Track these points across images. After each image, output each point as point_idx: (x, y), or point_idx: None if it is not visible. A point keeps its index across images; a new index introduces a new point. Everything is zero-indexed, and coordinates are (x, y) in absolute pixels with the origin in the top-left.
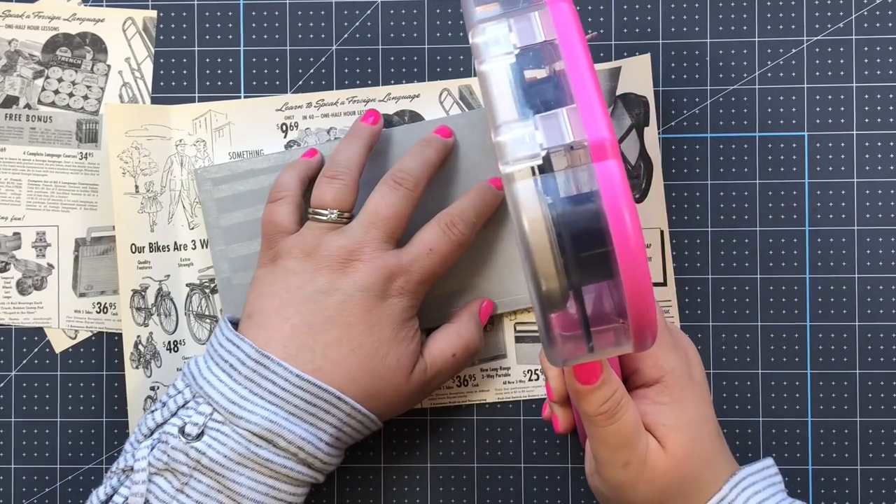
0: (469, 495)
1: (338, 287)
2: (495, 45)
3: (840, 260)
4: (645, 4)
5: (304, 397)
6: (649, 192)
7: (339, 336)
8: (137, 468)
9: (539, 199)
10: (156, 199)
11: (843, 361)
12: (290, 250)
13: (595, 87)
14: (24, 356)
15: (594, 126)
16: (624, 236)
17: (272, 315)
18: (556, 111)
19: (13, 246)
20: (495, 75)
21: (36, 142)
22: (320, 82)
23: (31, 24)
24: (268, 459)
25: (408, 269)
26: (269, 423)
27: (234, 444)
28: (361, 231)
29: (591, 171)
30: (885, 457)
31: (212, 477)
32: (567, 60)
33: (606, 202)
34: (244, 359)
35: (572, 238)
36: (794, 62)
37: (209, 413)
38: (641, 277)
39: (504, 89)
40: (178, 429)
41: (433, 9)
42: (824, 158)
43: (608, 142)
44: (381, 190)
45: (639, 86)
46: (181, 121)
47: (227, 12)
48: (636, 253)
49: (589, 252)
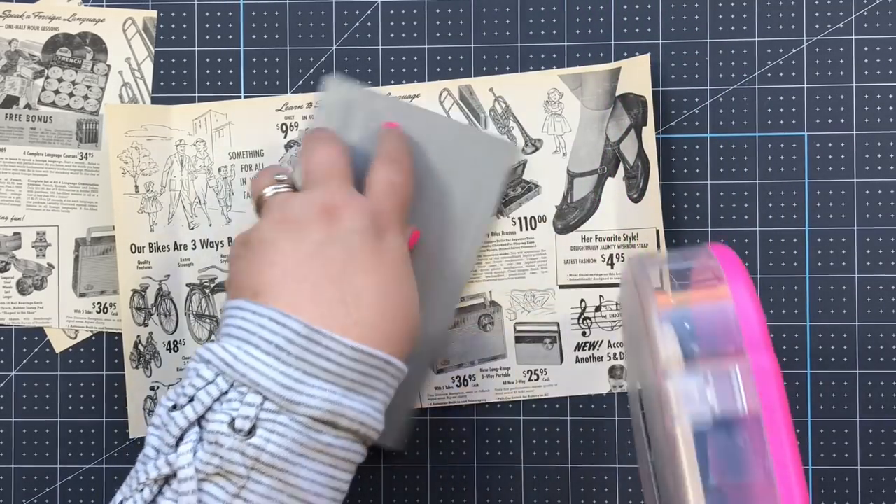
0: (469, 495)
1: (335, 236)
2: (689, 403)
3: (840, 260)
4: (645, 4)
5: (358, 369)
6: (646, 192)
7: (363, 283)
8: (182, 476)
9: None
10: (156, 199)
11: (843, 361)
12: (252, 231)
13: (798, 476)
14: (24, 356)
15: None
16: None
17: (286, 281)
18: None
19: (13, 246)
20: (691, 443)
21: (36, 142)
22: (320, 82)
23: (32, 24)
24: (329, 444)
25: (383, 204)
26: (330, 403)
27: (296, 433)
28: (320, 187)
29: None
30: (885, 457)
31: (272, 475)
32: (773, 450)
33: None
34: (293, 337)
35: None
36: (794, 62)
37: (259, 403)
38: None
39: (696, 462)
40: (227, 425)
41: (433, 9)
42: (824, 158)
43: None
44: (305, 151)
45: (638, 86)
46: (181, 121)
47: (227, 12)
48: None
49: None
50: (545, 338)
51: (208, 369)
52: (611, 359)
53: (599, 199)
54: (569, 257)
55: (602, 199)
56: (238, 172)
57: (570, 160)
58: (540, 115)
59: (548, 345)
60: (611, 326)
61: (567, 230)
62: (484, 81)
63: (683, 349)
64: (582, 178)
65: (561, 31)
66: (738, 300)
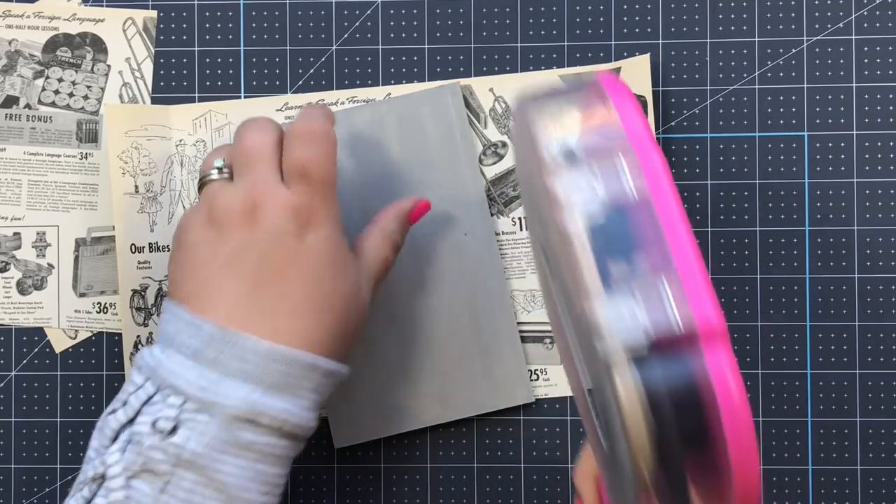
0: (469, 495)
1: (251, 241)
2: (579, 193)
3: (840, 260)
4: (645, 4)
5: (278, 370)
6: None
7: (278, 291)
8: (111, 474)
9: (642, 393)
10: (156, 199)
11: (843, 361)
12: (185, 227)
13: (695, 251)
14: (24, 356)
15: (700, 304)
16: (739, 437)
17: (207, 289)
18: (656, 282)
19: (13, 246)
20: (583, 233)
21: (36, 142)
22: (320, 82)
23: (31, 24)
24: (251, 441)
25: (302, 192)
26: (249, 402)
27: (215, 430)
28: (246, 175)
29: (700, 360)
30: (885, 457)
31: (195, 471)
32: (662, 219)
33: (722, 405)
34: (209, 340)
35: (676, 432)
36: (794, 62)
37: (180, 404)
38: (753, 483)
39: (591, 252)
40: (149, 426)
41: (433, 9)
42: (824, 158)
43: (719, 326)
44: (236, 135)
45: (638, 86)
46: (181, 121)
47: (227, 12)
48: (749, 454)
49: (695, 449)
50: (545, 338)
51: (139, 374)
52: None
53: None
54: None
55: None
56: None
57: None
58: None
59: (548, 345)
60: None
61: None
62: (484, 81)
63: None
64: None
65: (561, 31)
66: (619, 107)
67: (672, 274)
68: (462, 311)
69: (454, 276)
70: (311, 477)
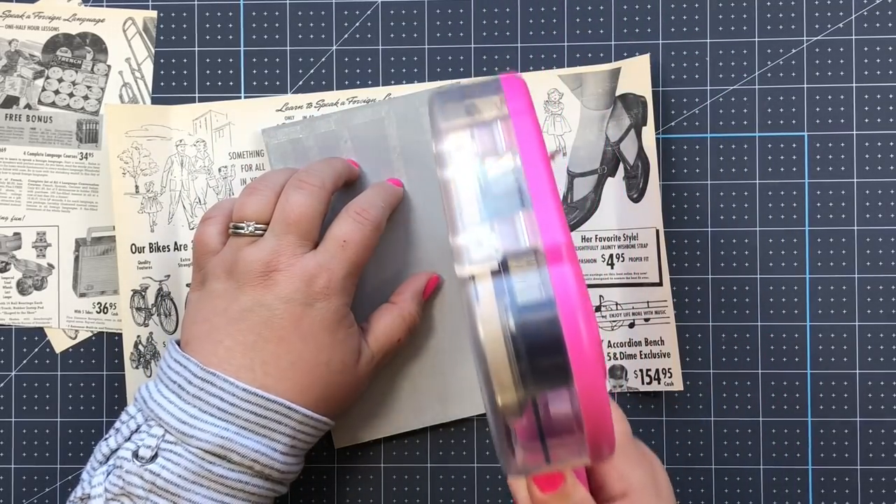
0: (469, 495)
1: (262, 303)
2: (458, 150)
3: (840, 260)
4: (645, 4)
5: (254, 410)
6: (646, 192)
7: (275, 352)
8: (93, 494)
9: (496, 304)
10: (156, 199)
11: (843, 361)
12: (213, 271)
13: (552, 191)
14: (24, 356)
15: (549, 230)
16: (579, 345)
17: (205, 341)
18: (512, 215)
19: (13, 246)
20: (459, 181)
21: (36, 142)
22: (320, 82)
23: (32, 25)
24: (222, 476)
25: (327, 267)
26: (221, 438)
27: (188, 462)
28: (275, 240)
29: (545, 276)
30: (885, 457)
31: (167, 498)
32: (525, 165)
33: (561, 310)
34: (191, 378)
35: (528, 346)
36: (794, 62)
37: (161, 435)
38: (597, 387)
39: (467, 195)
40: (131, 453)
41: (433, 9)
42: (824, 158)
43: (563, 245)
44: (286, 193)
45: (638, 86)
46: (181, 121)
47: (227, 12)
48: (591, 363)
49: (545, 361)
50: None
51: (134, 406)
52: (610, 359)
53: (599, 199)
54: None
55: (602, 199)
56: (238, 173)
57: (570, 160)
58: (540, 115)
59: None
60: (611, 326)
61: None
62: None
63: None
64: (582, 178)
65: (561, 31)
66: (508, 91)
67: (528, 209)
68: (463, 312)
69: (455, 277)
70: (311, 477)
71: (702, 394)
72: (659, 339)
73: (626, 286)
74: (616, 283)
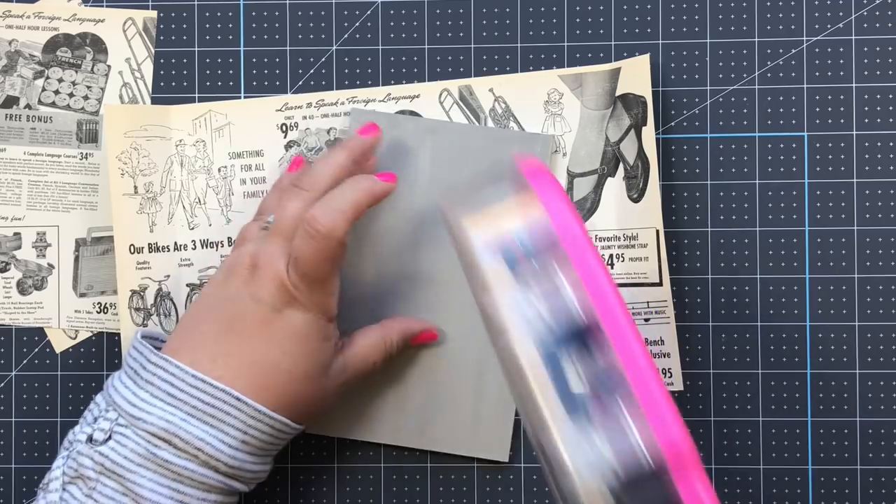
0: (469, 495)
1: (239, 296)
2: (524, 322)
3: (840, 260)
4: (645, 4)
5: (201, 398)
6: (646, 192)
7: (240, 346)
8: (51, 478)
9: None
10: (155, 199)
11: (843, 361)
12: (226, 260)
13: (659, 383)
14: (24, 356)
15: (667, 435)
16: None
17: (188, 322)
18: (616, 413)
19: (13, 246)
20: (532, 367)
21: (36, 142)
22: (320, 82)
23: (32, 25)
24: (167, 461)
25: (293, 279)
26: (166, 422)
27: (135, 445)
28: (265, 239)
29: (675, 492)
30: (885, 457)
31: (116, 479)
32: (614, 342)
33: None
34: (145, 363)
35: None
36: (794, 62)
37: (115, 418)
38: None
39: (544, 381)
40: (87, 436)
41: (433, 9)
42: (824, 158)
43: (689, 450)
44: (284, 196)
45: (638, 86)
46: (181, 121)
47: (227, 12)
48: None
49: None
50: None
51: (101, 394)
52: None
53: (599, 200)
54: None
55: (602, 200)
56: (238, 173)
57: (570, 160)
58: (540, 115)
59: None
60: None
61: None
62: (484, 81)
63: (508, 268)
64: (582, 178)
65: (561, 31)
66: (549, 207)
67: (629, 397)
68: (472, 348)
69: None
70: (311, 477)
71: (702, 394)
72: (659, 339)
73: (626, 286)
74: (616, 283)
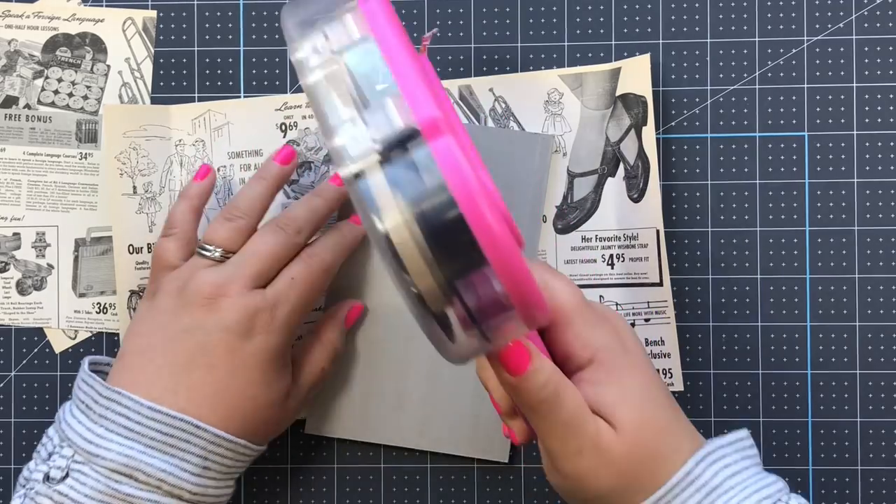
0: (469, 495)
1: (201, 326)
2: (315, 55)
3: (840, 260)
4: (645, 4)
5: (158, 429)
6: (646, 192)
7: (202, 378)
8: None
9: (389, 194)
10: (154, 199)
11: (843, 361)
12: (166, 286)
13: (415, 70)
14: (24, 356)
15: (419, 107)
16: (478, 214)
17: (138, 356)
18: (380, 102)
19: (13, 246)
20: (320, 84)
21: (36, 142)
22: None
23: (31, 24)
24: (130, 494)
25: (273, 304)
26: (125, 457)
27: (94, 482)
28: (232, 268)
29: (429, 153)
30: (885, 457)
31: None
32: (384, 52)
33: (452, 186)
34: (97, 397)
35: (430, 229)
36: (794, 62)
37: (71, 455)
38: (508, 253)
39: (330, 96)
40: (43, 475)
41: (433, 9)
42: (824, 158)
43: (439, 119)
44: (262, 231)
45: (638, 86)
46: (180, 121)
47: (227, 12)
48: (495, 228)
49: (454, 241)
50: None
51: (53, 427)
52: None
53: (599, 199)
54: (569, 257)
55: (602, 199)
56: (237, 172)
57: (571, 160)
58: (540, 115)
59: None
60: None
61: (567, 230)
62: (484, 81)
63: None
64: (582, 178)
65: (561, 31)
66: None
67: (394, 91)
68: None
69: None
70: (311, 477)
71: (702, 394)
72: (659, 339)
73: (627, 286)
74: (616, 283)
